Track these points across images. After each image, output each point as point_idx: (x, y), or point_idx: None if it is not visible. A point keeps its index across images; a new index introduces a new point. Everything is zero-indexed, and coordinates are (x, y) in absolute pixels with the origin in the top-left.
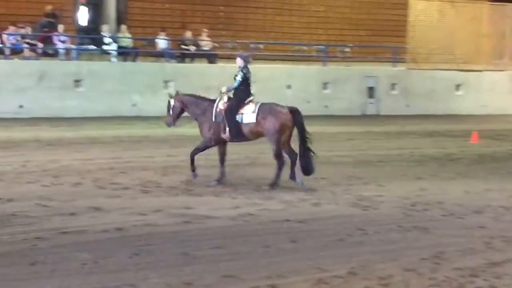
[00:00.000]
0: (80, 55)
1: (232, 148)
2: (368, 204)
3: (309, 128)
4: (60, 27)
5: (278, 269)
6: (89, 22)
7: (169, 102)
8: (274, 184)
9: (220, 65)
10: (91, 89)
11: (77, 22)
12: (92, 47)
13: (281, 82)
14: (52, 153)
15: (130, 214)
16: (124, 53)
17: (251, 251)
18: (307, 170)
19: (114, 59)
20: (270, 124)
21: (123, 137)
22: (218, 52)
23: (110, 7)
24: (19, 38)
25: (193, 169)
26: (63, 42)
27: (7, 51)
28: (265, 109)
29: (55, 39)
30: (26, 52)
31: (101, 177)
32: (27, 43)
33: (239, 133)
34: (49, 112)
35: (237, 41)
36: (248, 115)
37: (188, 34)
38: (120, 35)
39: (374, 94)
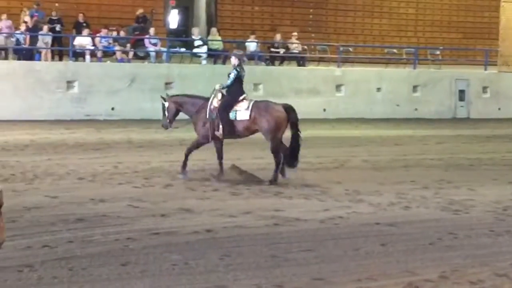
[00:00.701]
0: (171, 57)
1: (319, 151)
2: (459, 208)
3: (399, 131)
4: (151, 30)
5: (368, 272)
6: (179, 25)
7: (163, 104)
8: (274, 180)
9: (310, 68)
10: (182, 91)
11: (168, 25)
12: (183, 49)
13: (371, 85)
14: (143, 155)
15: (220, 215)
16: (214, 56)
17: (340, 254)
18: (292, 163)
19: (204, 62)
20: (266, 121)
21: None
22: (308, 55)
23: (200, 10)
24: (111, 41)
25: (184, 165)
26: (154, 45)
27: (100, 54)
28: (259, 107)
29: (146, 42)
30: (118, 55)
31: (192, 179)
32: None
33: (232, 130)
34: (140, 114)
35: (327, 43)
36: (241, 112)
37: (278, 37)
38: (210, 37)
39: (465, 97)
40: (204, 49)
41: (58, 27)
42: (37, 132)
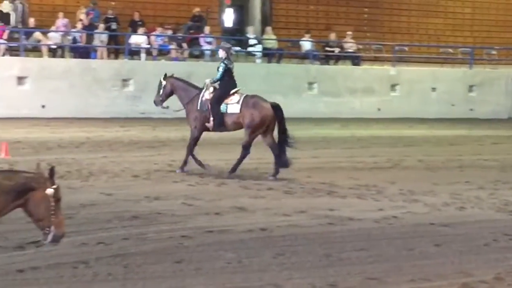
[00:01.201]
0: None
1: (373, 151)
2: None
3: (454, 131)
4: (206, 29)
5: (422, 273)
6: (234, 23)
7: (160, 82)
8: (233, 171)
9: (364, 67)
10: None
11: (223, 23)
12: (237, 48)
13: (426, 85)
14: (198, 153)
15: (274, 214)
16: (268, 55)
17: (395, 254)
18: (283, 163)
19: (258, 61)
20: (251, 116)
21: None
22: (362, 54)
23: (255, 9)
24: (166, 39)
25: (198, 163)
26: (209, 43)
27: (155, 52)
28: (248, 102)
29: (201, 41)
30: (173, 53)
31: (245, 177)
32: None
33: (222, 123)
34: None
35: (382, 43)
36: (232, 105)
37: (332, 36)
38: (265, 36)
39: None
40: (258, 48)
41: (114, 25)
42: (93, 129)
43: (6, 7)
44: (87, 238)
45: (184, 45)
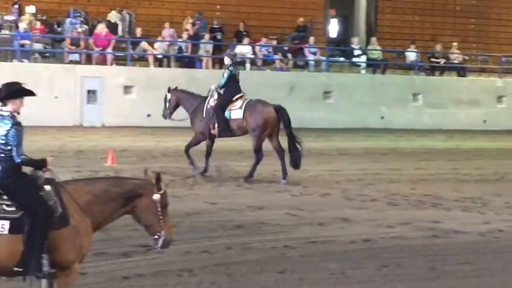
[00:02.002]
0: (330, 67)
1: (479, 163)
2: None
3: None
4: (311, 39)
5: None
6: (339, 34)
7: (166, 95)
8: (249, 177)
9: (470, 78)
10: (340, 101)
11: (328, 34)
12: (342, 59)
13: None
14: (302, 163)
15: (377, 226)
16: (373, 65)
17: (500, 268)
18: (296, 164)
19: (363, 71)
20: (254, 120)
21: (371, 149)
22: (468, 65)
23: (360, 19)
24: (270, 49)
25: (190, 162)
26: (313, 54)
27: (259, 62)
28: (250, 106)
29: (306, 51)
30: (277, 63)
31: (349, 188)
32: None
33: (227, 129)
34: (299, 122)
35: (488, 54)
36: (236, 111)
37: (438, 47)
38: (369, 47)
39: None
40: (363, 58)
41: (219, 36)
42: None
43: (113, 17)
44: (191, 247)
45: (289, 55)
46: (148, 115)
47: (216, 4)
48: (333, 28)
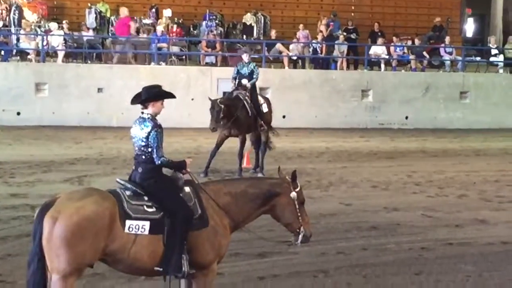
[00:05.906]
0: (466, 66)
1: None
2: None
3: None
4: (447, 39)
5: None
6: (475, 33)
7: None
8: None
9: None
10: (477, 101)
11: (464, 33)
12: (478, 58)
13: None
14: (437, 164)
15: None
16: (510, 65)
17: None
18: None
19: (500, 71)
20: (270, 112)
21: (509, 149)
22: None
23: (497, 18)
24: (405, 50)
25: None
26: (449, 53)
27: (394, 63)
28: (266, 99)
29: (442, 51)
30: (412, 64)
31: (486, 190)
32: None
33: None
34: (434, 123)
35: None
36: (264, 105)
37: None
38: (506, 46)
39: None
40: (500, 58)
41: (353, 36)
42: (333, 140)
43: (249, 19)
44: (327, 248)
45: (425, 54)
46: (283, 117)
47: (351, 4)
48: (469, 27)
